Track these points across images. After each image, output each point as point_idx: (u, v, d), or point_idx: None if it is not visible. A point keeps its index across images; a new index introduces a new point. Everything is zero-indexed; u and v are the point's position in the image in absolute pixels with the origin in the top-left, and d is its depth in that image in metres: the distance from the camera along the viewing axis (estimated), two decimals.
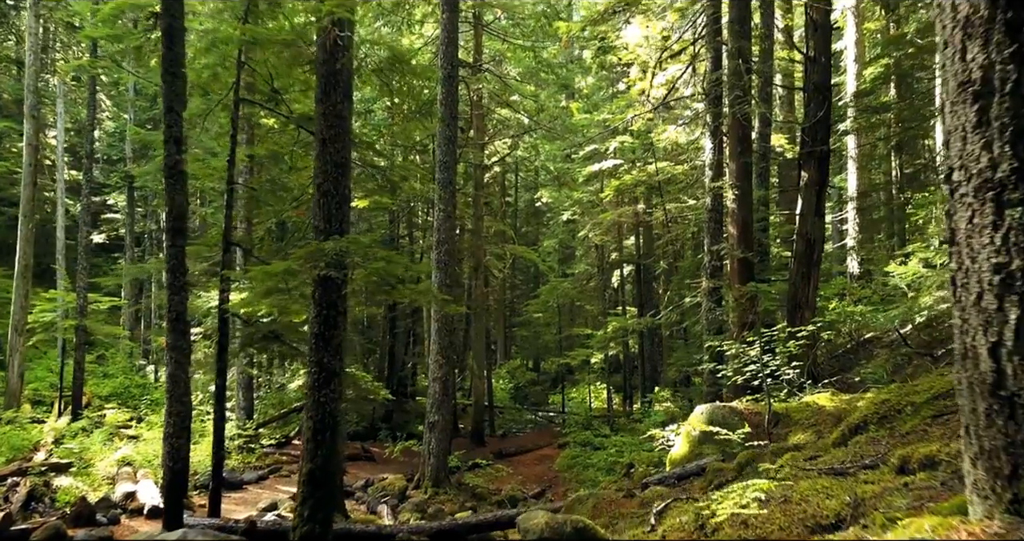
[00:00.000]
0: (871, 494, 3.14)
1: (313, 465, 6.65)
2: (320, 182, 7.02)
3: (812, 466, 4.52)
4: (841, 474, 3.94)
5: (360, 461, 17.84)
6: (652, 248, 26.30)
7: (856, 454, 4.58)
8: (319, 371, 6.81)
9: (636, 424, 18.45)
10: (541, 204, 36.86)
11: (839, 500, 3.16)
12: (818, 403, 8.35)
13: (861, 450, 4.68)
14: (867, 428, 5.48)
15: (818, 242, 12.32)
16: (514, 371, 35.63)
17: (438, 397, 14.33)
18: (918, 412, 5.17)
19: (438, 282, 14.40)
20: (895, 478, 3.36)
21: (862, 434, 5.42)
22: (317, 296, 6.89)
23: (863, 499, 3.09)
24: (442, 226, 14.44)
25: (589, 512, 7.19)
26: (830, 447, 5.74)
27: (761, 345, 8.45)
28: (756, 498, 3.17)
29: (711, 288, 12.91)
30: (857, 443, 5.07)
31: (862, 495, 3.16)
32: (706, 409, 8.67)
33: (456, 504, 13.78)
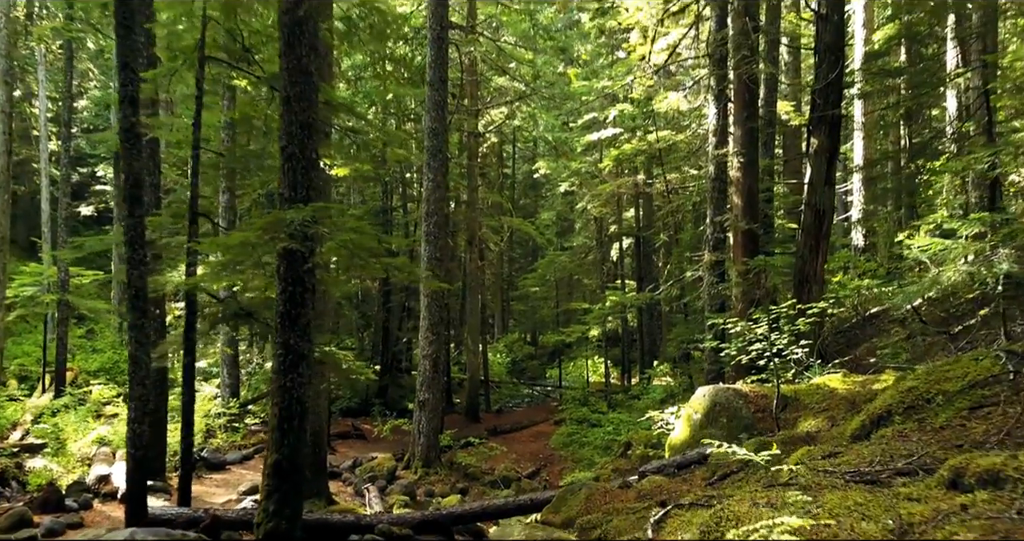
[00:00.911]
0: (919, 518, 2.54)
1: (279, 455, 6.07)
2: (285, 145, 6.34)
3: (834, 468, 3.92)
4: (873, 483, 3.34)
5: (350, 439, 17.37)
6: (652, 220, 25.60)
7: (884, 453, 3.98)
8: (285, 353, 6.21)
9: (634, 401, 17.95)
10: (539, 176, 36.09)
11: (879, 525, 2.56)
12: (829, 385, 7.76)
13: (889, 448, 4.07)
14: (891, 419, 4.88)
15: (828, 213, 11.63)
16: (512, 345, 35.16)
17: (428, 375, 13.78)
18: (951, 403, 4.56)
19: (428, 255, 13.77)
20: (946, 495, 2.75)
21: (886, 426, 4.82)
22: (282, 271, 6.25)
23: (910, 525, 2.48)
24: (431, 196, 13.76)
25: (581, 505, 6.63)
26: (849, 440, 5.15)
27: (768, 322, 7.83)
28: (775, 524, 2.57)
29: (713, 262, 12.27)
30: (883, 438, 4.46)
31: (908, 518, 2.55)
32: (709, 391, 8.08)
33: (447, 485, 13.31)
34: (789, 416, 7.39)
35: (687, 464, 7.20)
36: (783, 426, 7.14)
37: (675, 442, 8.23)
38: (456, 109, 18.63)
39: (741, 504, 3.39)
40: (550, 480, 14.87)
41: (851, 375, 8.03)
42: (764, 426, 7.47)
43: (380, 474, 13.12)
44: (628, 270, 29.76)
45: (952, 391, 4.66)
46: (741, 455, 4.15)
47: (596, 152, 24.56)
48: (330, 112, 9.63)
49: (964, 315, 9.93)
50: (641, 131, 21.33)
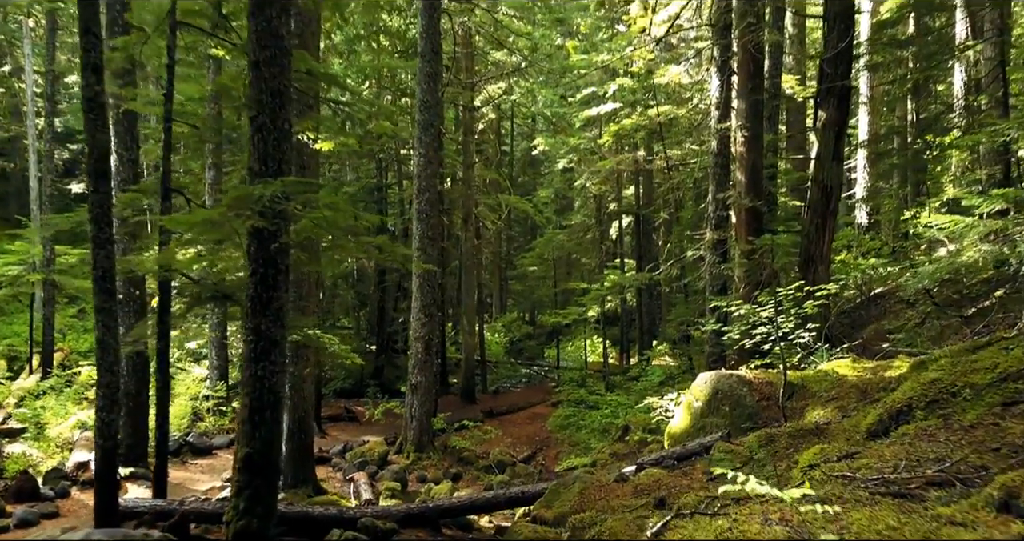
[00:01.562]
0: None
1: (250, 449, 5.65)
2: (254, 114, 5.85)
3: (853, 472, 3.49)
4: (903, 496, 2.91)
5: (342, 422, 17.02)
6: (652, 198, 25.09)
7: (910, 456, 3.55)
8: (256, 339, 5.76)
9: (632, 382, 17.58)
10: (538, 152, 35.44)
11: None
12: (838, 372, 7.34)
13: (915, 450, 3.65)
14: (912, 414, 4.45)
15: (835, 189, 11.14)
16: (510, 324, 34.77)
17: (421, 357, 13.38)
18: (980, 397, 4.13)
19: (420, 234, 13.31)
20: (997, 520, 2.33)
21: (907, 422, 4.39)
22: (252, 251, 5.78)
23: None
24: (423, 173, 13.25)
25: (574, 500, 6.24)
26: (864, 436, 4.72)
27: (775, 305, 7.38)
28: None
29: (715, 241, 11.80)
30: (905, 437, 4.03)
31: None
32: (710, 378, 7.66)
33: (440, 470, 12.97)
34: (796, 405, 6.98)
35: (687, 456, 6.80)
36: (790, 416, 6.73)
37: (674, 431, 7.83)
38: (449, 82, 18.01)
39: (751, 521, 2.97)
40: (546, 464, 14.54)
41: (861, 361, 7.61)
42: (769, 415, 7.06)
43: (371, 459, 12.77)
44: (627, 249, 29.29)
45: (981, 384, 4.23)
46: (761, 491, 3.70)
47: (595, 128, 23.96)
48: (313, 83, 9.12)
49: (978, 297, 9.49)
50: (641, 106, 20.73)
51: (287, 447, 10.34)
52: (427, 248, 13.17)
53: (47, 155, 19.44)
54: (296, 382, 10.24)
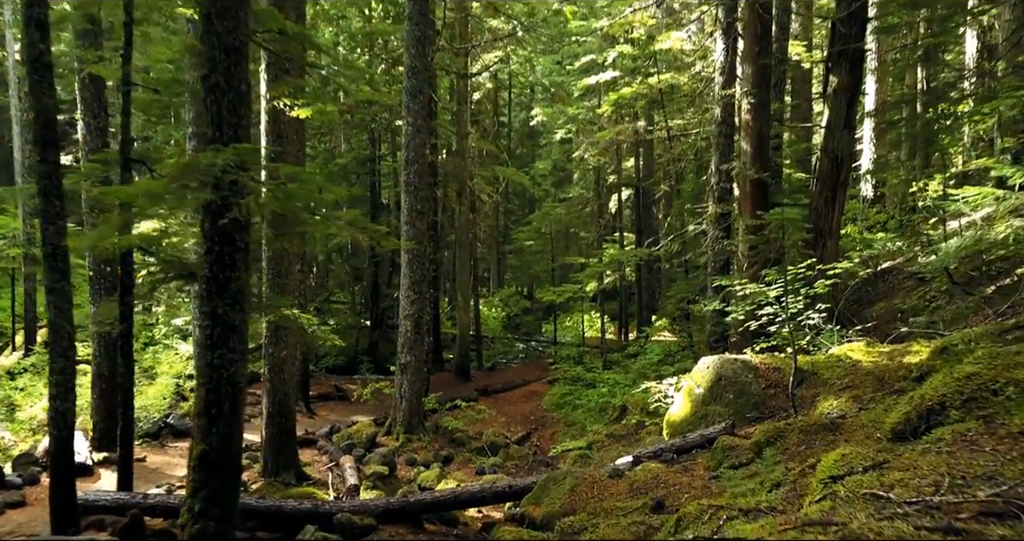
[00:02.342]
0: None
1: (206, 446, 5.13)
2: (207, 73, 5.21)
3: (886, 491, 2.95)
4: (956, 533, 2.37)
5: (332, 401, 16.56)
6: (652, 169, 24.40)
7: (952, 470, 3.01)
8: (212, 325, 5.21)
9: (631, 360, 17.10)
10: (537, 123, 34.63)
11: None
12: (851, 357, 6.80)
13: (957, 462, 3.10)
14: (946, 414, 3.90)
15: (846, 159, 10.54)
16: (507, 299, 34.26)
17: (410, 336, 12.85)
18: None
19: (408, 207, 12.69)
20: None
21: (941, 424, 3.84)
22: (206, 228, 5.20)
23: None
24: (411, 142, 12.59)
25: (565, 498, 5.73)
26: (889, 436, 4.18)
27: (785, 284, 6.80)
28: None
29: (718, 214, 11.21)
30: (941, 443, 3.49)
31: None
32: (713, 363, 7.12)
33: (430, 452, 12.52)
34: (806, 393, 6.45)
35: (688, 448, 6.29)
36: (799, 405, 6.20)
37: (674, 419, 7.32)
38: (441, 48, 17.24)
39: None
40: (540, 445, 14.10)
41: (875, 344, 7.06)
42: (776, 404, 6.53)
43: (358, 442, 12.30)
44: (627, 222, 28.66)
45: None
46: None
47: (594, 97, 23.21)
48: (287, 44, 8.44)
49: (998, 275, 8.92)
50: (641, 74, 19.96)
51: (267, 432, 9.87)
52: (415, 222, 12.56)
53: (27, 125, 18.71)
54: (276, 364, 9.72)
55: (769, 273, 7.10)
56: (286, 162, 9.52)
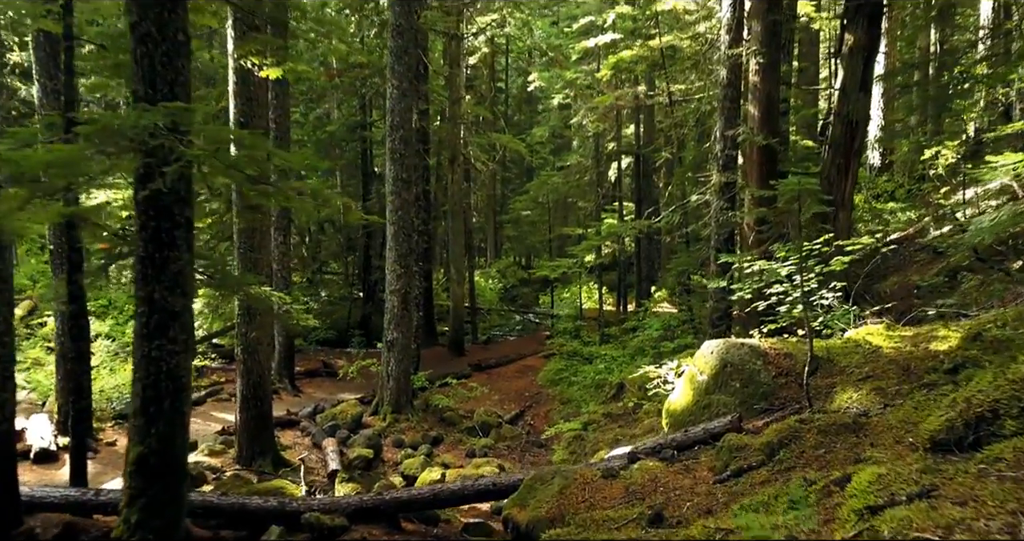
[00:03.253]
0: None
1: (145, 448, 4.52)
2: (136, 21, 4.48)
3: (943, 536, 2.33)
4: None
5: (319, 377, 15.99)
6: (653, 137, 23.57)
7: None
8: (149, 311, 4.56)
9: (629, 335, 16.51)
10: (535, 89, 33.63)
11: None
12: (870, 341, 6.17)
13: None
14: (999, 424, 3.28)
15: (861, 124, 9.81)
16: (504, 270, 33.61)
17: (397, 312, 12.23)
18: None
19: (393, 176, 11.97)
20: None
21: (995, 436, 3.22)
22: (139, 200, 4.52)
23: None
24: (396, 107, 11.82)
25: (553, 502, 5.14)
26: (928, 447, 3.56)
27: (800, 260, 6.11)
28: None
29: (723, 184, 10.50)
30: (1001, 463, 2.87)
31: None
32: (718, 348, 6.50)
33: (419, 433, 12.00)
34: (820, 382, 5.83)
35: (690, 444, 5.69)
36: (815, 397, 5.59)
37: (675, 408, 6.71)
38: (429, 7, 16.32)
39: None
40: (534, 424, 13.58)
41: (896, 328, 6.43)
42: (788, 395, 5.92)
43: (343, 422, 11.76)
44: (627, 191, 27.89)
45: None
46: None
47: (593, 61, 22.28)
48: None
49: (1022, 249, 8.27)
50: (642, 37, 19.06)
51: (241, 417, 9.31)
52: (402, 192, 11.86)
53: (6, 90, 17.89)
54: (250, 344, 9.11)
55: (780, 249, 6.43)
56: (257, 127, 8.81)
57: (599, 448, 10.49)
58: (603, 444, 10.65)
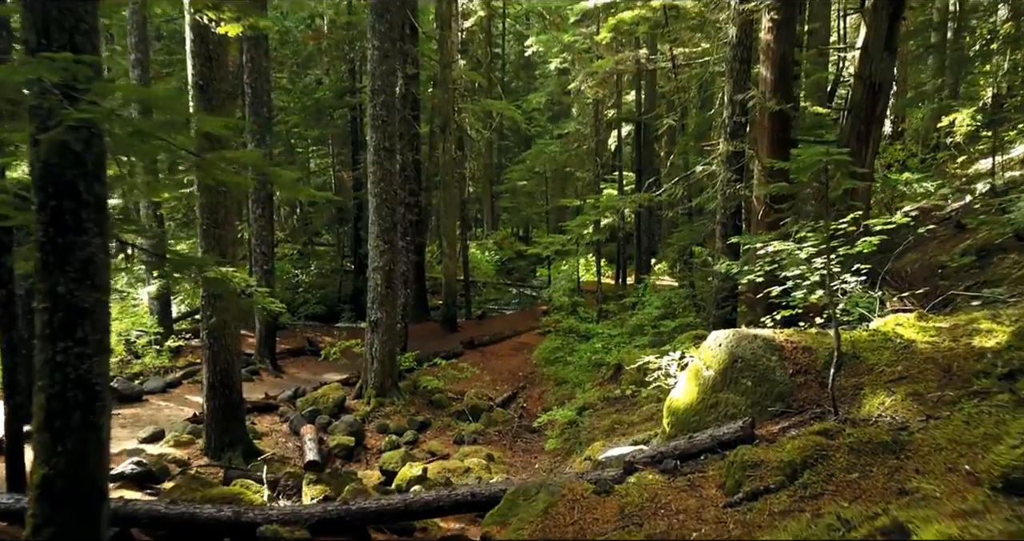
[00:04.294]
0: None
1: (50, 469, 3.81)
2: None
3: None
4: None
5: (303, 357, 15.30)
6: (655, 104, 22.61)
7: None
8: (52, 308, 3.81)
9: (628, 313, 15.80)
10: (532, 53, 32.50)
11: None
12: (901, 334, 5.43)
13: None
14: None
15: (885, 88, 8.96)
16: (501, 242, 32.80)
17: (380, 291, 11.50)
18: None
19: (375, 145, 11.13)
20: None
21: None
22: (36, 175, 3.74)
23: None
24: (378, 70, 10.93)
25: (537, 523, 4.45)
26: (996, 481, 2.85)
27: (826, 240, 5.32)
28: None
29: (731, 153, 9.66)
30: None
31: None
32: (726, 339, 5.76)
33: (404, 417, 11.35)
34: (845, 382, 5.11)
35: (695, 453, 4.99)
36: (840, 400, 4.86)
37: (678, 405, 6.00)
38: None
39: None
40: (528, 407, 12.94)
41: (930, 317, 5.68)
42: (807, 396, 5.19)
43: (324, 407, 11.09)
44: (627, 160, 26.97)
45: None
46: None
47: (592, 23, 21.21)
48: None
49: None
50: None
51: (208, 406, 8.62)
52: (384, 161, 11.03)
53: None
54: (215, 328, 8.39)
55: (803, 228, 5.66)
56: (219, 90, 7.97)
57: (595, 437, 9.83)
58: (599, 432, 9.99)
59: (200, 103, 8.04)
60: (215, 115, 8.15)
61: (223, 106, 8.17)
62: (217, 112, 8.15)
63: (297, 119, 20.29)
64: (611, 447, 6.37)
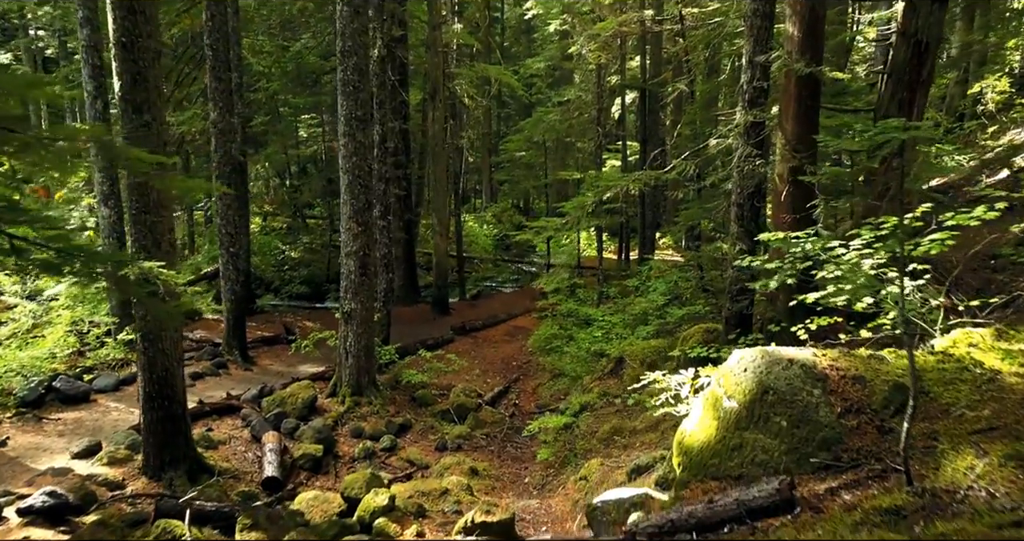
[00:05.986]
0: None
1: None
2: None
3: None
4: None
5: (278, 345, 14.14)
6: (660, 70, 21.11)
7: None
8: None
9: (630, 298, 14.61)
10: (534, 17, 30.84)
11: None
12: (978, 360, 4.23)
13: None
14: None
15: (932, 46, 7.62)
16: (500, 215, 31.54)
17: (355, 279, 10.31)
18: None
19: (345, 114, 9.84)
20: None
21: None
22: None
23: None
24: (347, 28, 9.60)
25: None
26: None
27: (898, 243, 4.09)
28: None
29: (750, 124, 8.36)
30: None
31: None
32: (752, 362, 4.57)
33: (382, 419, 10.26)
34: (914, 429, 3.90)
35: (715, 523, 3.82)
36: (913, 460, 3.66)
37: (692, 442, 4.83)
38: None
39: None
40: (520, 405, 11.84)
41: (1013, 334, 4.47)
42: (863, 446, 4.00)
43: (293, 408, 9.98)
44: (631, 129, 25.57)
45: None
46: None
47: None
48: None
49: None
50: None
51: (145, 419, 7.50)
52: (356, 133, 9.76)
53: None
54: (151, 330, 7.22)
55: (863, 226, 4.43)
56: (146, 47, 6.70)
57: (591, 448, 8.73)
58: (596, 441, 8.87)
59: (123, 64, 6.77)
60: (145, 77, 6.90)
61: (152, 67, 6.89)
62: (147, 74, 6.89)
63: (277, 85, 18.89)
64: (608, 493, 5.22)
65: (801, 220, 7.95)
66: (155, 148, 6.98)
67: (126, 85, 6.83)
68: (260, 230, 25.17)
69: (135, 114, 6.88)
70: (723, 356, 7.51)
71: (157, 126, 7.02)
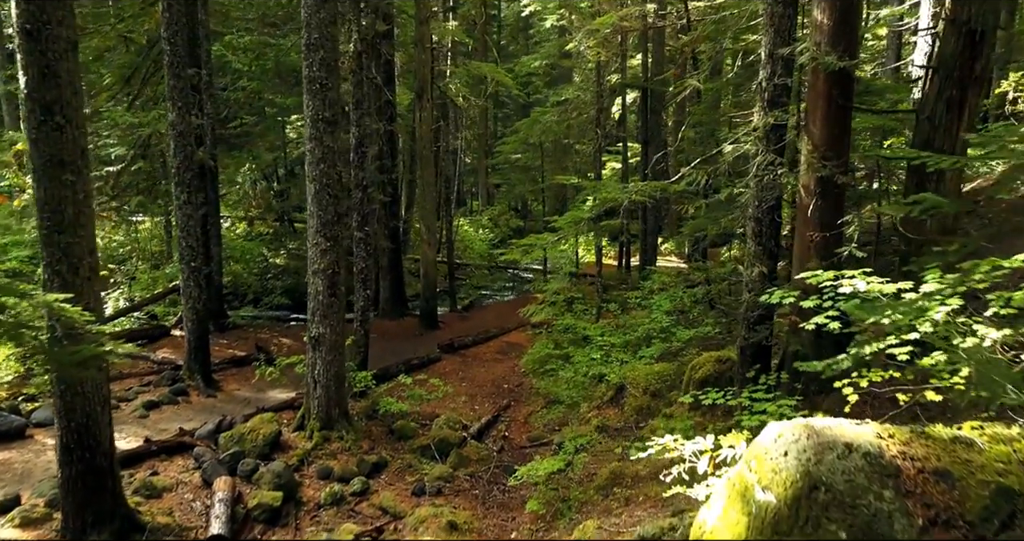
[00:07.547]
0: None
1: None
2: None
3: None
4: None
5: (248, 366, 12.98)
6: (663, 68, 20.01)
7: None
8: None
9: (631, 313, 13.49)
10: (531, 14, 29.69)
11: None
12: None
13: None
14: None
15: (987, 37, 6.52)
16: (497, 218, 30.40)
17: (323, 300, 9.22)
18: None
19: (312, 115, 8.75)
20: None
21: None
22: None
23: None
24: (313, 18, 8.51)
25: None
26: None
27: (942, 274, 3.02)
28: None
29: (770, 126, 7.26)
30: None
31: None
32: (795, 441, 3.46)
33: (354, 457, 9.16)
34: None
35: None
36: None
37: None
38: None
39: None
40: (510, 437, 10.74)
41: None
42: None
43: (253, 445, 8.87)
44: (632, 130, 24.49)
45: None
46: None
47: None
48: None
49: None
50: None
51: (62, 474, 6.39)
52: (323, 137, 8.66)
53: None
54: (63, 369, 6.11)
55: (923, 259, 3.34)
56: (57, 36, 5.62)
57: (588, 499, 7.60)
58: (594, 491, 7.74)
59: (29, 56, 5.69)
60: (55, 72, 5.81)
61: (64, 60, 5.80)
62: (58, 68, 5.80)
63: (257, 85, 17.78)
64: None
65: (831, 239, 6.88)
66: (69, 156, 5.89)
67: (33, 81, 5.75)
68: (245, 236, 24.10)
69: (44, 115, 5.80)
70: (743, 403, 6.41)
71: (72, 130, 5.93)
